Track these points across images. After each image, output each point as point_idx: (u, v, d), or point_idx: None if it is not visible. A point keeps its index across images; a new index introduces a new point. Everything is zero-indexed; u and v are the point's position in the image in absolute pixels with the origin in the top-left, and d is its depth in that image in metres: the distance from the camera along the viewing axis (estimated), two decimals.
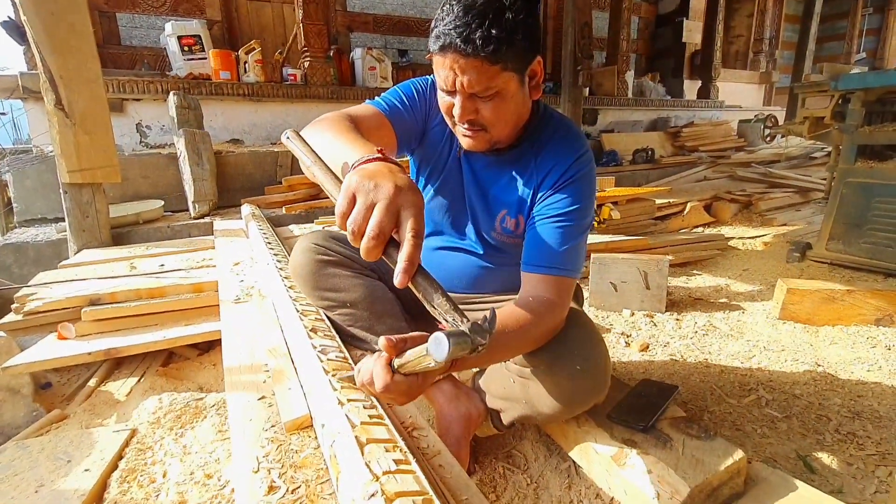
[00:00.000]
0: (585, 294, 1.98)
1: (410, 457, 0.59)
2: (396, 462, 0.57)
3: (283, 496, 0.63)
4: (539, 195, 0.90)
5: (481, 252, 1.02)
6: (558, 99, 4.91)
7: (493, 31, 0.71)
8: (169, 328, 1.51)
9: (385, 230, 0.52)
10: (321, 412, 0.66)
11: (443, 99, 0.84)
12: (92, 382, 1.49)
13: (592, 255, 1.99)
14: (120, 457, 1.07)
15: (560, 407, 0.85)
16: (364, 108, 0.92)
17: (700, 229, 3.39)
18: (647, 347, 1.64)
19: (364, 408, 0.65)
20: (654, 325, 1.83)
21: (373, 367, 0.59)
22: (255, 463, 0.68)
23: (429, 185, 1.02)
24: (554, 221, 0.86)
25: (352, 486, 0.54)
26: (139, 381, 1.47)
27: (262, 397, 0.81)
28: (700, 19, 7.03)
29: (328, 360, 0.79)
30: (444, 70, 0.77)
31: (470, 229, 1.01)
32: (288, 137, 0.69)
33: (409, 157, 1.06)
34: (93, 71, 2.09)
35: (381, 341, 0.58)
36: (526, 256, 0.88)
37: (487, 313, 0.54)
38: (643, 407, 0.95)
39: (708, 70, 6.82)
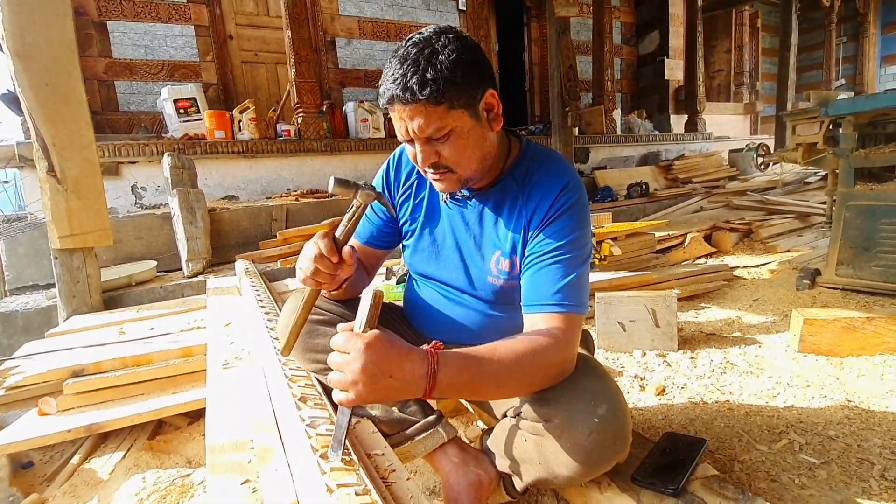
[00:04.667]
0: (593, 335, 1.90)
1: None
2: None
3: None
4: (530, 233, 0.87)
5: (483, 300, 0.97)
6: (549, 140, 4.99)
7: (428, 75, 0.74)
8: (156, 397, 1.43)
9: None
10: (308, 501, 0.58)
11: (407, 149, 0.85)
12: (75, 459, 1.39)
13: (597, 295, 1.92)
14: None
15: (578, 466, 0.77)
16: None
17: (703, 260, 3.33)
18: (664, 391, 1.54)
19: (357, 494, 0.57)
20: (668, 365, 1.74)
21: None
22: None
23: (422, 241, 1.01)
24: (550, 257, 0.83)
25: None
26: (124, 456, 1.37)
27: (246, 481, 0.72)
28: (680, 57, 7.27)
29: (317, 434, 0.71)
30: (396, 122, 0.80)
31: (468, 276, 0.97)
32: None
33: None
34: (86, 137, 2.10)
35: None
36: (525, 298, 0.84)
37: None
38: (670, 466, 0.86)
39: (693, 104, 6.98)
